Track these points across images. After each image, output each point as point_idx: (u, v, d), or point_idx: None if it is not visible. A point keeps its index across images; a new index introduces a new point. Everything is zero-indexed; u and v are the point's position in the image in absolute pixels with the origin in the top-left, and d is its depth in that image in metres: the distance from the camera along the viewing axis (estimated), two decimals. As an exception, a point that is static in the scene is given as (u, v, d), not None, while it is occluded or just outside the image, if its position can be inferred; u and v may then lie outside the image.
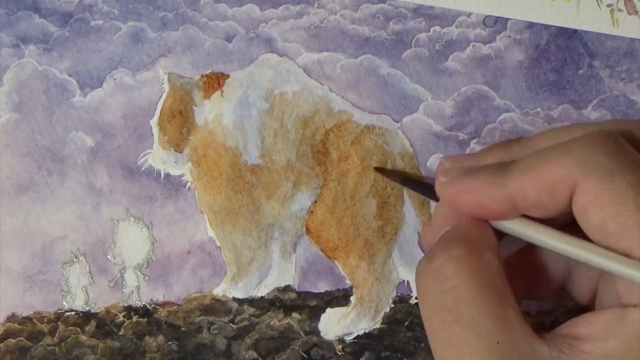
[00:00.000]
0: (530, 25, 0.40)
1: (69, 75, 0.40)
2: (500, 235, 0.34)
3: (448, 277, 0.30)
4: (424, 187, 0.39)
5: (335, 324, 0.41)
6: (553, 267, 0.36)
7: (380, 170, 0.40)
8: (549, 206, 0.31)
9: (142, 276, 0.41)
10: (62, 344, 0.41)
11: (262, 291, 0.41)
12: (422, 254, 0.41)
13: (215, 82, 0.41)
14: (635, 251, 0.29)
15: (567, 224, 0.32)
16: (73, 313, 0.41)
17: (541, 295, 0.37)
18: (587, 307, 0.36)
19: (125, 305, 0.41)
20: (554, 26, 0.40)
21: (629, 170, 0.29)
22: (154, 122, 0.41)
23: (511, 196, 0.31)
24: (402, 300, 0.41)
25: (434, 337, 0.31)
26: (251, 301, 0.41)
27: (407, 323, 0.41)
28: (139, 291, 0.41)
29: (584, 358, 0.29)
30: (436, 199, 0.36)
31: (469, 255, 0.31)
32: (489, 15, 0.40)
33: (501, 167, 0.32)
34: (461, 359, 0.29)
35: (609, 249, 0.29)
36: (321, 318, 0.41)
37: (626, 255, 0.29)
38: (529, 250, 0.36)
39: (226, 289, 0.41)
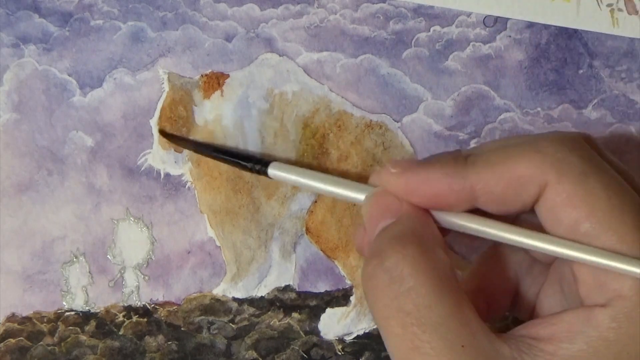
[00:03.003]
0: (530, 25, 0.40)
1: (69, 75, 0.40)
2: None
3: (404, 278, 0.29)
4: (230, 155, 0.39)
5: (335, 324, 0.41)
6: (499, 287, 0.35)
7: (166, 134, 0.40)
8: (510, 203, 0.30)
9: (142, 276, 0.41)
10: (62, 343, 0.41)
11: (262, 291, 0.41)
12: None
13: (215, 82, 0.41)
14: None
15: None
16: (73, 313, 0.41)
17: (491, 316, 0.36)
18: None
19: (125, 305, 0.41)
20: (554, 26, 0.40)
21: (600, 172, 0.29)
22: (154, 122, 0.41)
23: (472, 188, 0.30)
24: (402, 300, 0.41)
25: (394, 341, 0.29)
26: (251, 301, 0.41)
27: (407, 323, 0.41)
28: (139, 291, 0.41)
29: (545, 359, 0.28)
30: (254, 171, 0.37)
31: (422, 253, 0.30)
32: (489, 15, 0.40)
33: (459, 159, 0.31)
34: None
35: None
36: (321, 318, 0.41)
37: None
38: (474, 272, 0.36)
39: (226, 289, 0.41)
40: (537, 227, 0.31)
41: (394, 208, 0.32)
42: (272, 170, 0.37)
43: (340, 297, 0.41)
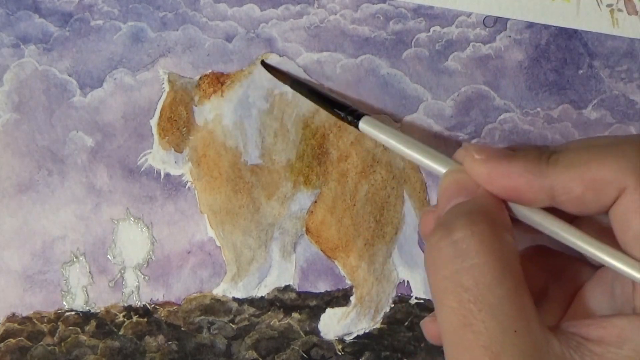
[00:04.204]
0: (530, 25, 0.40)
1: (69, 75, 0.40)
2: None
3: (470, 253, 0.29)
4: (325, 100, 0.39)
5: (335, 324, 0.41)
6: (530, 285, 0.35)
7: (267, 67, 0.40)
8: (589, 204, 0.30)
9: (142, 276, 0.41)
10: (62, 343, 0.41)
11: (262, 291, 0.41)
12: (422, 254, 0.41)
13: (215, 82, 0.41)
14: None
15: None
16: (73, 313, 0.41)
17: None
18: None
19: (125, 305, 0.41)
20: (554, 26, 0.40)
21: None
22: (154, 122, 0.41)
23: (552, 188, 0.30)
24: (402, 300, 0.41)
25: (448, 314, 0.29)
26: (251, 301, 0.41)
27: (407, 323, 0.41)
28: (139, 291, 0.41)
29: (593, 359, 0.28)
30: (346, 120, 0.37)
31: (492, 233, 0.30)
32: (489, 15, 0.40)
33: (542, 156, 0.31)
34: (477, 340, 0.28)
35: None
36: (321, 318, 0.41)
37: None
38: None
39: (226, 289, 0.41)
40: (605, 230, 0.31)
41: (470, 189, 0.32)
42: (363, 125, 0.37)
43: (340, 297, 0.41)
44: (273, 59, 0.41)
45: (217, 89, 0.40)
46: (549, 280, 0.35)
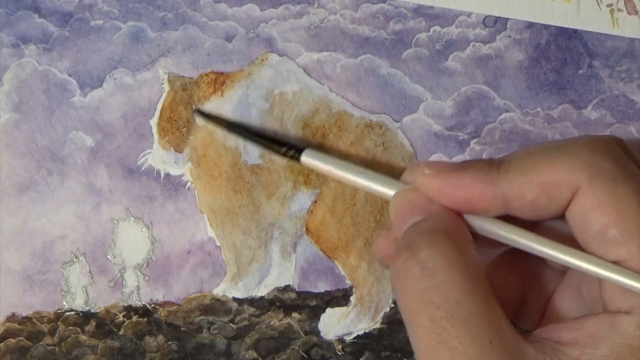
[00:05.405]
0: (530, 25, 0.40)
1: (69, 75, 0.40)
2: None
3: (437, 271, 0.29)
4: (263, 138, 0.39)
5: (335, 324, 0.41)
6: (507, 296, 0.35)
7: (201, 113, 0.40)
8: (544, 208, 0.30)
9: (142, 276, 0.41)
10: (62, 343, 0.41)
11: (262, 291, 0.41)
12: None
13: (215, 82, 0.41)
14: (634, 259, 0.28)
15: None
16: (73, 313, 0.41)
17: None
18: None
19: (125, 305, 0.41)
20: (554, 26, 0.40)
21: (631, 177, 0.29)
22: (154, 122, 0.41)
23: (505, 195, 0.31)
24: (402, 300, 0.41)
25: (421, 333, 0.29)
26: (251, 301, 0.41)
27: (407, 323, 0.41)
28: (139, 291, 0.41)
29: None
30: (288, 156, 0.37)
31: (456, 248, 0.30)
32: (489, 15, 0.40)
33: (492, 165, 0.31)
34: (453, 357, 0.28)
35: (605, 256, 0.29)
36: (321, 318, 0.41)
37: (622, 262, 0.29)
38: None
39: (226, 289, 0.41)
40: (565, 234, 0.31)
41: (424, 206, 0.32)
42: (305, 158, 0.37)
43: (340, 297, 0.41)
44: (273, 59, 0.41)
45: (217, 88, 0.40)
46: (525, 285, 0.35)
